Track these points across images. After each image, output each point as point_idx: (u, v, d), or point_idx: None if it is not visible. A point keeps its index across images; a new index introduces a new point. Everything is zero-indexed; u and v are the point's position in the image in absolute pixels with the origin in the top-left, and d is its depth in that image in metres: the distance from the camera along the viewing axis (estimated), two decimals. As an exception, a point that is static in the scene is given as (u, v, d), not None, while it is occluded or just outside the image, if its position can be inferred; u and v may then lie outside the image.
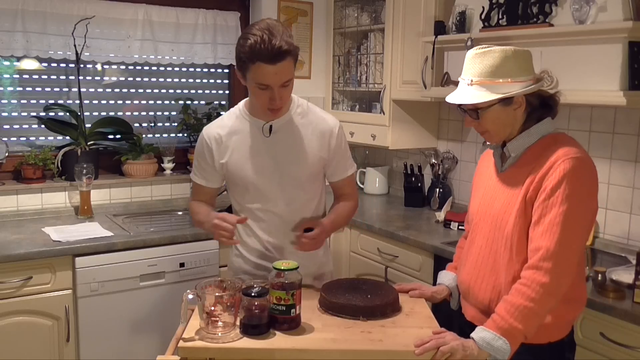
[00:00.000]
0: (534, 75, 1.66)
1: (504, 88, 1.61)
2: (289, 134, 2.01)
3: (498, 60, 1.61)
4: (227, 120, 2.05)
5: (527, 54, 1.66)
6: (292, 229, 2.05)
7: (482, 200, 1.80)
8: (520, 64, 1.62)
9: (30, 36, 3.04)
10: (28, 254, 2.53)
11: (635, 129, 2.56)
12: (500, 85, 1.61)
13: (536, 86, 1.64)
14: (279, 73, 1.82)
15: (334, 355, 1.59)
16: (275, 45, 1.77)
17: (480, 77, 1.63)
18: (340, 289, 1.87)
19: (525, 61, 1.64)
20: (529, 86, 1.63)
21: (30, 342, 2.59)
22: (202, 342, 1.60)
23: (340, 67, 3.80)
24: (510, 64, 1.61)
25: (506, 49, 1.63)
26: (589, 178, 1.60)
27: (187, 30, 3.46)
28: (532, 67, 1.66)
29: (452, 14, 2.89)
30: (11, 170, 3.14)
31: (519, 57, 1.63)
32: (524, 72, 1.63)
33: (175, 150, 3.53)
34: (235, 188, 2.09)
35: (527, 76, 1.63)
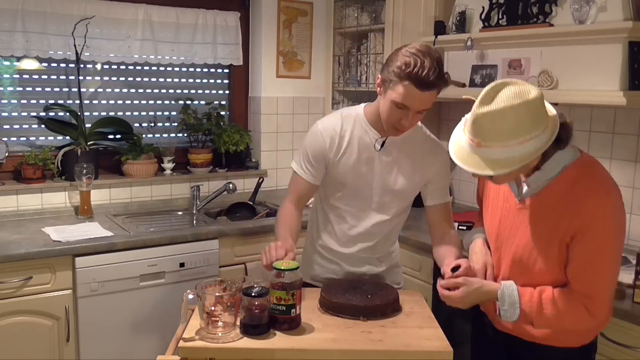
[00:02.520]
0: (546, 120, 1.51)
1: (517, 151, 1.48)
2: (399, 152, 2.01)
3: (510, 122, 1.47)
4: (342, 121, 2.03)
5: (539, 100, 1.49)
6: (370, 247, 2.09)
7: (500, 225, 1.75)
8: (534, 117, 1.48)
9: (30, 36, 3.04)
10: (28, 254, 2.53)
11: (635, 129, 2.56)
12: (515, 148, 1.48)
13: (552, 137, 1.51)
14: (423, 100, 1.82)
15: (334, 355, 1.59)
16: (430, 74, 1.76)
17: (490, 141, 1.50)
18: (340, 289, 1.87)
19: (537, 111, 1.49)
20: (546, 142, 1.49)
21: (30, 342, 2.59)
22: (202, 342, 1.60)
23: (340, 67, 3.80)
24: (523, 122, 1.47)
25: (518, 107, 1.46)
26: (621, 213, 1.59)
27: (187, 30, 3.46)
28: (544, 112, 1.51)
29: (452, 14, 2.89)
30: (11, 170, 3.14)
31: (531, 110, 1.47)
32: (538, 123, 1.49)
33: (175, 150, 3.53)
34: (331, 184, 2.08)
35: (542, 127, 1.49)
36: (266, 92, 3.70)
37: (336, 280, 2.02)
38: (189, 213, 3.41)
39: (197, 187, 3.44)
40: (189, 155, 3.58)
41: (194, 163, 3.56)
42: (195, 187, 3.44)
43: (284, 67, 3.74)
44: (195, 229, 3.04)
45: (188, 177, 3.52)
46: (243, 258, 3.09)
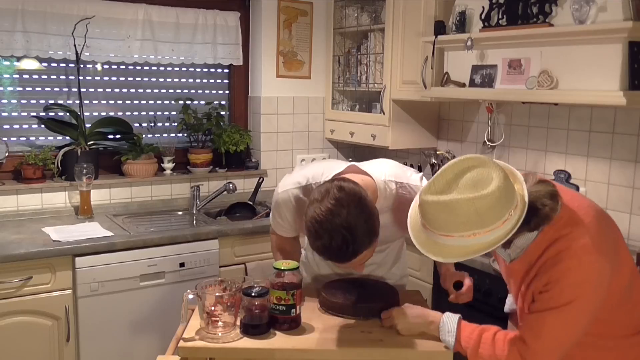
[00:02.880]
0: (508, 213, 1.36)
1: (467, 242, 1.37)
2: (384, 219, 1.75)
3: (456, 218, 1.35)
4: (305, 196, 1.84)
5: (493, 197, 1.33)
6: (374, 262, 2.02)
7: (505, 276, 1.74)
8: (487, 214, 1.34)
9: (30, 36, 3.04)
10: (28, 254, 2.53)
11: (635, 129, 2.56)
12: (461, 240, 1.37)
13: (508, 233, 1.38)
14: (354, 263, 1.60)
15: (334, 355, 1.59)
16: (350, 250, 1.53)
17: (436, 229, 1.39)
18: (340, 289, 1.86)
19: (493, 207, 1.34)
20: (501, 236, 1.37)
21: (30, 342, 2.59)
22: (202, 342, 1.60)
23: (340, 67, 3.80)
24: (472, 218, 1.34)
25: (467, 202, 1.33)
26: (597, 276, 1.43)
27: (187, 30, 3.46)
28: (505, 204, 1.36)
29: (452, 14, 2.89)
30: (11, 170, 3.14)
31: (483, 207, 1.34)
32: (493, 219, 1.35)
33: (175, 150, 3.53)
34: None
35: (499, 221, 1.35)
36: (266, 92, 3.70)
37: (337, 280, 2.02)
38: (189, 213, 3.41)
39: (197, 187, 3.44)
40: (189, 155, 3.58)
41: (194, 163, 3.56)
42: (195, 187, 3.44)
43: (284, 67, 3.74)
44: (195, 229, 3.04)
45: (188, 177, 3.52)
46: (243, 258, 3.09)
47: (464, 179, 1.37)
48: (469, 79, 2.79)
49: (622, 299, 1.53)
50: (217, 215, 3.46)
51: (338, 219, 1.51)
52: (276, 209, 1.94)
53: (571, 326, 1.47)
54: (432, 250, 1.42)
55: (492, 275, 2.43)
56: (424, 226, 1.43)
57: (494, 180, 1.35)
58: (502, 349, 1.52)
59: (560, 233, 1.45)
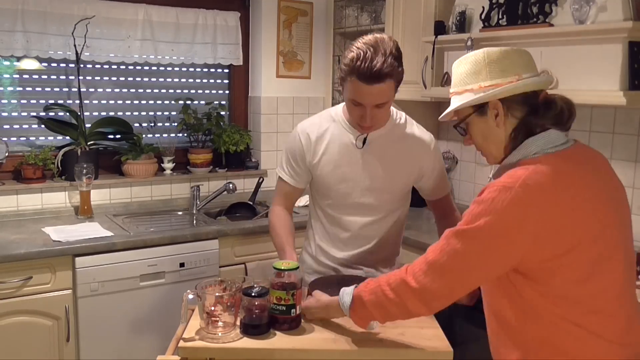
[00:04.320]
0: (516, 75, 1.41)
1: (473, 96, 1.43)
2: (383, 147, 1.96)
3: (469, 67, 1.44)
4: (322, 121, 2.01)
5: (508, 54, 1.43)
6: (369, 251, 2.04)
7: None
8: (495, 66, 1.41)
9: (30, 36, 3.04)
10: (28, 254, 2.53)
11: (635, 129, 2.56)
12: (469, 93, 1.43)
13: (510, 87, 1.39)
14: (373, 94, 1.75)
15: (334, 355, 1.59)
16: (374, 66, 1.70)
17: (454, 87, 1.49)
18: (329, 285, 1.86)
19: (503, 62, 1.41)
20: (501, 88, 1.39)
21: (30, 342, 2.59)
22: (202, 342, 1.60)
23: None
24: (482, 68, 1.42)
25: (478, 52, 1.45)
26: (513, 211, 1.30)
27: (187, 30, 3.46)
28: (518, 67, 1.42)
29: (452, 14, 2.89)
30: (11, 170, 3.14)
31: (494, 58, 1.42)
32: (501, 73, 1.40)
33: (175, 150, 3.53)
34: (317, 190, 2.06)
35: (505, 78, 1.40)
36: (266, 92, 3.70)
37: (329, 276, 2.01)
38: (189, 213, 3.41)
39: (197, 187, 3.44)
40: (189, 155, 3.58)
41: (194, 163, 3.56)
42: (195, 187, 3.44)
43: (284, 67, 3.74)
44: (195, 229, 3.04)
45: (188, 177, 3.52)
46: (243, 258, 3.09)
47: None
48: (469, 79, 2.78)
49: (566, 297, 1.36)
50: (217, 215, 3.46)
51: (385, 43, 1.75)
52: (292, 141, 2.03)
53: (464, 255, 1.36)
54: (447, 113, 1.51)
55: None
56: (450, 95, 1.51)
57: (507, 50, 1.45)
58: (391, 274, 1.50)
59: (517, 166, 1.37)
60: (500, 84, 1.40)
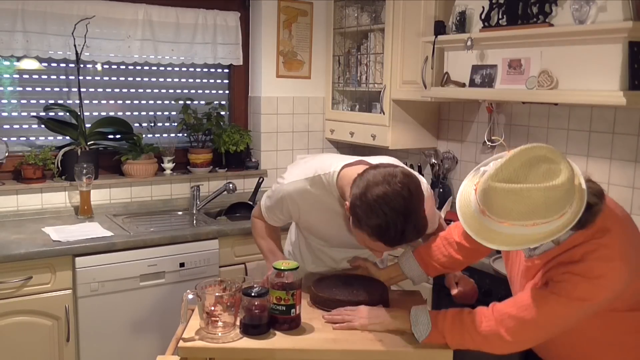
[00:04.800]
0: (568, 205, 1.37)
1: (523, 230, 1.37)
2: None
3: (523, 207, 1.35)
4: (313, 189, 1.86)
5: (564, 187, 1.33)
6: None
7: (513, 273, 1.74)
8: (553, 206, 1.35)
9: (30, 36, 3.04)
10: (28, 254, 2.53)
11: (635, 129, 2.56)
12: (521, 228, 1.37)
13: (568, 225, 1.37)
14: (383, 249, 1.69)
15: (334, 355, 1.59)
16: (405, 237, 1.58)
17: (497, 217, 1.38)
18: (330, 284, 1.87)
19: (560, 200, 1.35)
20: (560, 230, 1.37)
21: (30, 342, 2.59)
22: (202, 342, 1.60)
23: (340, 67, 3.80)
24: (539, 209, 1.35)
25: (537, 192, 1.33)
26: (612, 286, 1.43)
27: (187, 30, 3.46)
28: (569, 197, 1.37)
29: (452, 14, 2.89)
30: (11, 170, 3.14)
31: (552, 198, 1.33)
32: (558, 209, 1.36)
33: (175, 150, 3.53)
34: (302, 229, 2.09)
35: (559, 213, 1.36)
36: (266, 92, 3.70)
37: (330, 275, 2.02)
38: (189, 213, 3.41)
39: (197, 187, 3.44)
40: (189, 155, 3.58)
41: (194, 163, 3.56)
42: (195, 187, 3.44)
43: (284, 67, 3.74)
44: (195, 229, 3.04)
45: (188, 177, 3.52)
46: (243, 258, 3.09)
47: (533, 169, 1.35)
48: (469, 79, 2.78)
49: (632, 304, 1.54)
50: (217, 215, 3.46)
51: (405, 203, 1.55)
52: (279, 201, 1.94)
53: (567, 319, 1.48)
54: (487, 237, 1.41)
55: (492, 276, 2.43)
56: (482, 213, 1.41)
57: (562, 171, 1.35)
58: (480, 318, 1.54)
59: (591, 236, 1.45)
60: (555, 219, 1.37)
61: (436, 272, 1.97)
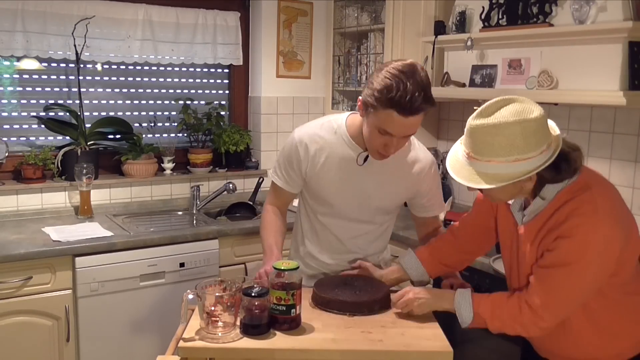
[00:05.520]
0: (546, 143, 1.45)
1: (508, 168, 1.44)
2: (383, 167, 1.91)
3: (504, 139, 1.42)
4: (322, 132, 1.94)
5: (538, 122, 1.42)
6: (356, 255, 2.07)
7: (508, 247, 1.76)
8: (530, 137, 1.42)
9: (30, 36, 3.04)
10: (28, 254, 2.53)
11: (635, 129, 2.56)
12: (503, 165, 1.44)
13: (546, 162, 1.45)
14: (407, 126, 1.70)
15: (334, 355, 1.59)
16: (416, 98, 1.63)
17: (479, 155, 1.47)
18: (331, 285, 1.87)
19: (536, 132, 1.42)
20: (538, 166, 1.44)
21: (30, 342, 2.59)
22: (202, 342, 1.60)
23: (340, 67, 3.80)
24: (517, 141, 1.42)
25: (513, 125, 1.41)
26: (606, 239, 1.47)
27: (187, 30, 3.46)
28: (545, 133, 1.45)
29: (452, 14, 2.89)
30: (11, 170, 3.14)
31: (528, 129, 1.42)
32: (534, 145, 1.43)
33: (175, 150, 3.53)
34: (310, 197, 2.05)
35: (538, 149, 1.43)
36: (266, 92, 3.70)
37: (332, 276, 2.02)
38: (189, 213, 3.41)
39: (197, 187, 3.44)
40: (189, 155, 3.58)
41: (194, 163, 3.56)
42: (195, 187, 3.44)
43: (284, 67, 3.74)
44: (195, 229, 3.05)
45: (188, 177, 3.52)
46: (243, 258, 3.09)
47: (508, 107, 1.45)
48: (469, 79, 2.79)
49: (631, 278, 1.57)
50: (217, 215, 3.46)
51: (419, 73, 1.68)
52: (290, 150, 1.98)
53: (578, 284, 1.51)
54: (475, 180, 1.48)
55: (492, 276, 2.43)
56: (469, 157, 1.49)
57: (534, 110, 1.44)
58: (517, 308, 1.59)
59: (574, 194, 1.51)
60: (534, 155, 1.44)
61: (438, 272, 1.99)
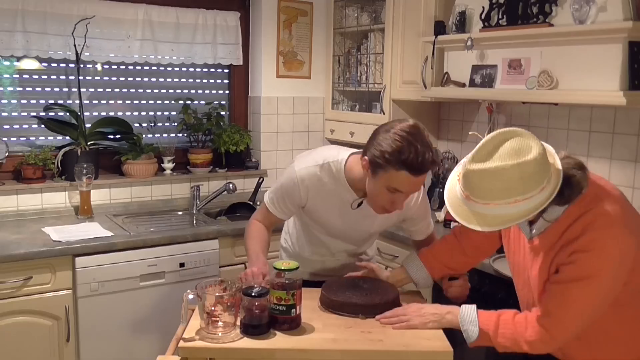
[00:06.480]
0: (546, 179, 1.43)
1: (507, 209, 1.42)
2: None
3: (500, 184, 1.41)
4: (323, 174, 1.97)
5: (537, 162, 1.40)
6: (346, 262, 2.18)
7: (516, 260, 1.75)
8: (529, 180, 1.40)
9: (30, 36, 3.04)
10: (28, 254, 2.53)
11: (635, 129, 2.56)
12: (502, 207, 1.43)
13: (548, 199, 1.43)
14: (417, 183, 1.78)
15: (335, 355, 1.59)
16: (427, 159, 1.71)
17: (478, 198, 1.45)
18: (341, 287, 1.87)
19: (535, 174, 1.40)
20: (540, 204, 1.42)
21: (30, 342, 2.59)
22: (202, 342, 1.60)
23: (340, 67, 3.80)
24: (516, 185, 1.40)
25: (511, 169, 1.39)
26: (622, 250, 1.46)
27: (187, 30, 3.46)
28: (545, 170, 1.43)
29: (452, 14, 2.89)
30: (11, 170, 3.14)
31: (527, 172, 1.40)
32: (534, 185, 1.41)
33: (175, 150, 3.53)
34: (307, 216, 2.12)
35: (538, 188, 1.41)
36: (266, 92, 3.70)
37: (338, 278, 2.02)
38: (189, 213, 3.41)
39: (197, 187, 3.44)
40: (189, 155, 3.58)
41: (194, 163, 3.56)
42: (195, 187, 3.44)
43: (284, 67, 3.74)
44: (195, 229, 3.05)
45: (188, 177, 3.52)
46: (243, 258, 3.08)
47: (504, 147, 1.43)
48: (469, 79, 2.79)
49: None
50: (217, 215, 3.46)
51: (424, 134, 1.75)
52: (292, 187, 2.00)
53: (594, 298, 1.49)
54: (472, 221, 1.46)
55: (492, 276, 2.42)
56: (467, 198, 1.48)
57: (533, 148, 1.41)
58: (524, 326, 1.57)
59: (586, 208, 1.49)
60: (534, 195, 1.42)
61: (441, 274, 1.99)
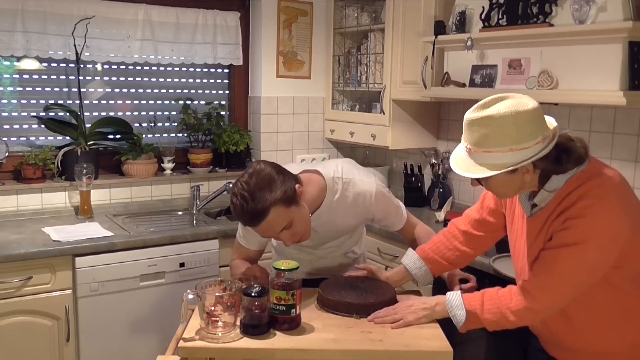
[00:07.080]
0: (542, 135, 1.48)
1: (503, 158, 1.47)
2: (332, 220, 1.99)
3: (496, 129, 1.46)
4: None
5: (532, 114, 1.46)
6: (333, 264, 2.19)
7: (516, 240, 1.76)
8: (523, 128, 1.45)
9: (30, 36, 3.04)
10: (28, 254, 2.53)
11: (635, 129, 2.56)
12: (499, 155, 1.48)
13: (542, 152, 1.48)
14: (267, 229, 1.77)
15: (335, 355, 1.59)
16: (253, 211, 1.71)
17: (476, 146, 1.50)
18: (337, 287, 1.87)
19: (529, 123, 1.45)
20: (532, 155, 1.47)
21: (30, 342, 2.59)
22: (202, 342, 1.60)
23: (340, 67, 3.80)
24: (510, 131, 1.45)
25: (506, 116, 1.45)
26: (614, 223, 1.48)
27: (187, 30, 3.46)
28: (539, 126, 1.48)
29: (452, 14, 2.89)
30: (11, 170, 3.14)
31: (521, 120, 1.45)
32: (528, 136, 1.46)
33: (175, 150, 3.53)
34: None
35: (532, 140, 1.46)
36: (266, 92, 3.70)
37: (336, 277, 2.02)
38: (189, 213, 3.41)
39: (197, 187, 3.44)
40: (189, 155, 3.58)
41: (194, 163, 3.56)
42: (195, 187, 3.44)
43: (284, 67, 3.74)
44: (195, 229, 3.05)
45: (188, 177, 3.52)
46: (243, 258, 3.09)
47: (504, 101, 1.49)
48: (469, 79, 2.79)
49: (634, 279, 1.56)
50: (217, 215, 3.46)
51: (238, 185, 1.75)
52: None
53: (580, 265, 1.50)
54: (474, 171, 1.51)
55: (492, 276, 2.42)
56: (468, 151, 1.53)
57: (529, 103, 1.47)
58: (508, 297, 1.59)
59: (585, 180, 1.52)
60: (528, 146, 1.47)
61: (441, 270, 1.98)
